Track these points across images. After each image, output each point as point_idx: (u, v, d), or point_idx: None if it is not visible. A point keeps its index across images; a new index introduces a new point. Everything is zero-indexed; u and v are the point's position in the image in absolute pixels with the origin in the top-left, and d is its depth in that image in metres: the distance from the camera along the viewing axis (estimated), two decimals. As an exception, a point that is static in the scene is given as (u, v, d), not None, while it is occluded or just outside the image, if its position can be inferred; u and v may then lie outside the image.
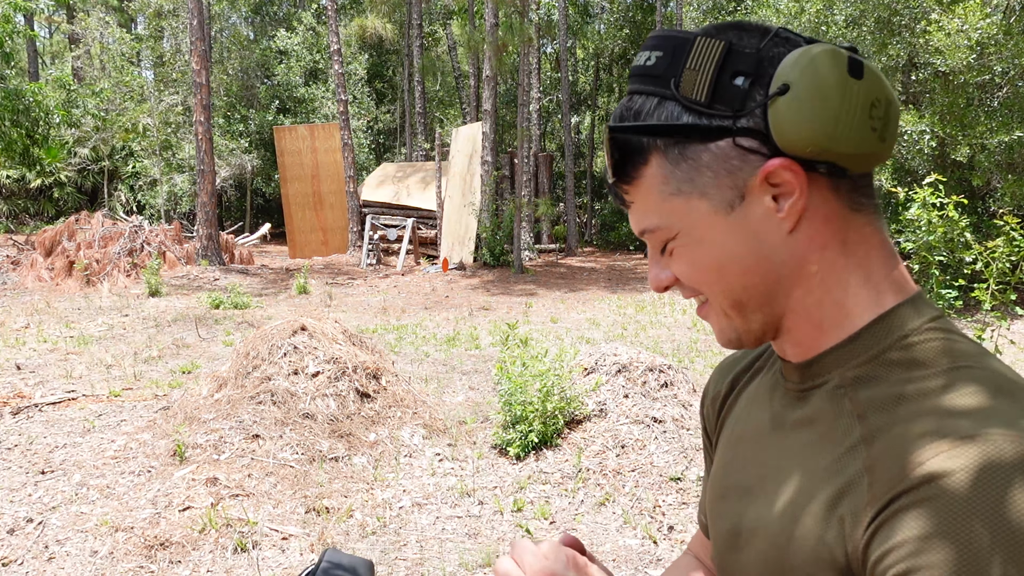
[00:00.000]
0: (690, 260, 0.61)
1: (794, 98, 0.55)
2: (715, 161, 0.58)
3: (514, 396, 4.08)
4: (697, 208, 0.59)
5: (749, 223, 0.59)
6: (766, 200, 0.58)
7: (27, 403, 4.99)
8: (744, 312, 0.62)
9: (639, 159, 0.60)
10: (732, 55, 0.57)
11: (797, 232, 0.59)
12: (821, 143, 0.55)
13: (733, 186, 0.58)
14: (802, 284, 0.60)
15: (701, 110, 0.57)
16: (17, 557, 3.03)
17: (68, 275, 11.15)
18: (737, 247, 0.59)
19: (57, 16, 27.09)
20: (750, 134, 0.57)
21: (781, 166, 0.57)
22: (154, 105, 19.60)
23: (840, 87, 0.55)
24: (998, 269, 3.30)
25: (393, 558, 3.06)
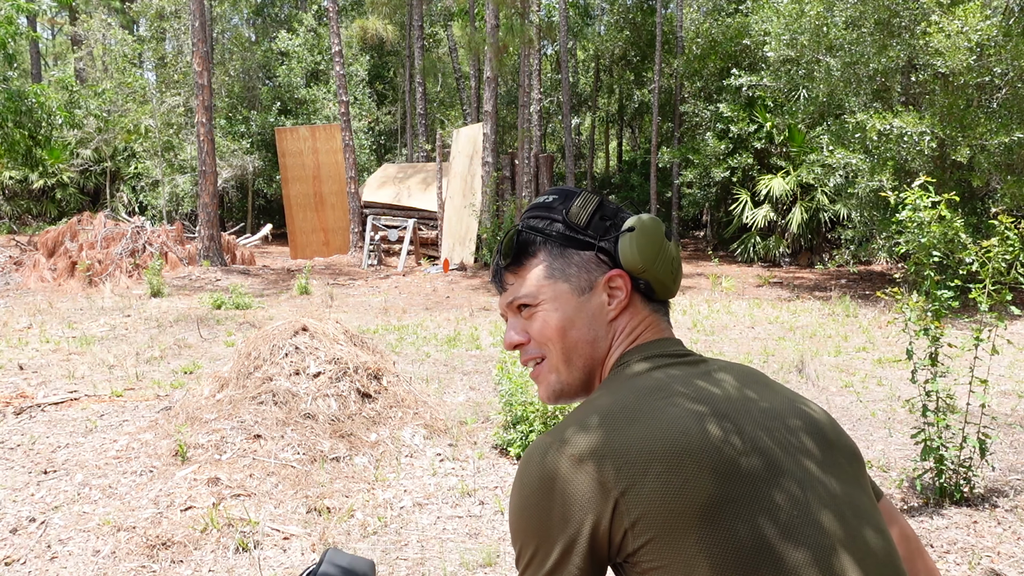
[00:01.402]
0: (545, 321, 0.89)
1: (636, 235, 0.88)
2: (582, 261, 0.89)
3: (515, 396, 4.09)
4: (561, 288, 0.89)
5: (590, 306, 0.89)
6: (603, 296, 0.89)
7: (30, 403, 5.02)
8: (571, 366, 0.89)
9: (532, 250, 0.90)
10: (602, 205, 0.92)
11: (616, 321, 0.89)
12: (644, 266, 0.87)
13: (588, 280, 0.89)
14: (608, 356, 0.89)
15: (579, 230, 0.89)
16: (20, 556, 3.05)
17: (70, 276, 11.18)
18: (578, 319, 0.88)
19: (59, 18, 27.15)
20: (604, 252, 0.89)
21: (619, 274, 0.89)
22: (156, 106, 19.63)
23: (660, 239, 0.89)
24: (994, 269, 3.31)
25: (394, 558, 3.08)
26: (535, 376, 0.92)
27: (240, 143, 20.55)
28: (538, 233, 0.90)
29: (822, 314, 9.25)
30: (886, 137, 9.74)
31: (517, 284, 0.90)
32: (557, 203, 0.91)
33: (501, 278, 0.93)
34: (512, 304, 0.91)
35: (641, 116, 23.84)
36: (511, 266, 0.91)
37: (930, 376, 3.45)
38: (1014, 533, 3.23)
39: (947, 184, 9.61)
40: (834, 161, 10.57)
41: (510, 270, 0.91)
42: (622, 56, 22.01)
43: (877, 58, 10.18)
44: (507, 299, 0.92)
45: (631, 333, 0.89)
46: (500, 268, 0.93)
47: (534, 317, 0.90)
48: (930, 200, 3.42)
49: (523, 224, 0.92)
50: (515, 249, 0.90)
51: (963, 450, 3.48)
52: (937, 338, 3.42)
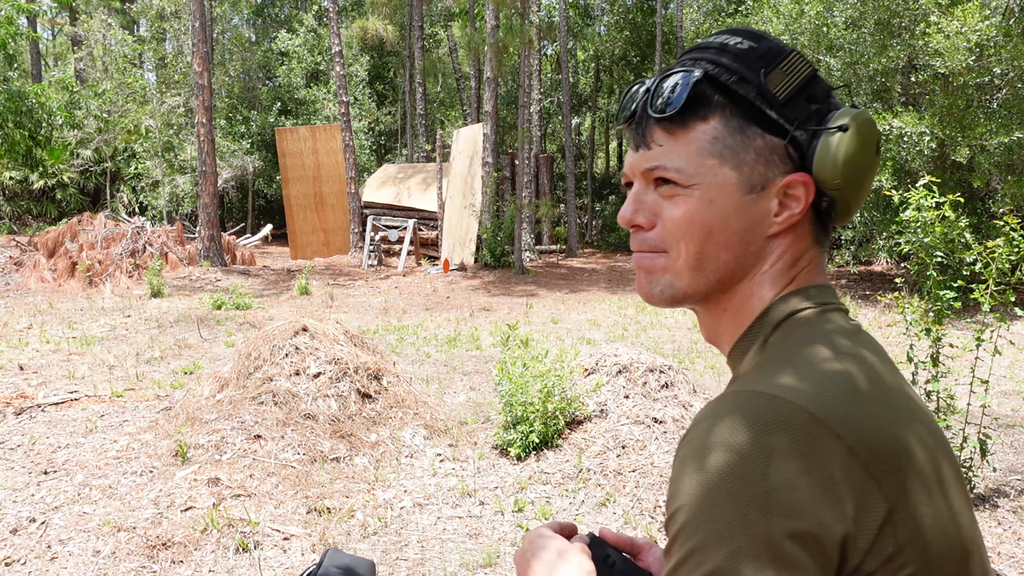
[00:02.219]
0: (689, 212, 0.66)
1: (847, 138, 0.64)
2: (763, 149, 0.65)
3: (515, 397, 4.09)
4: (727, 176, 0.65)
5: (752, 211, 0.66)
6: (773, 202, 0.66)
7: (30, 403, 5.01)
8: (699, 276, 0.68)
9: (702, 111, 0.65)
10: (815, 81, 0.67)
11: (776, 238, 0.67)
12: (843, 182, 0.65)
13: (763, 176, 0.66)
14: (751, 278, 0.68)
15: (776, 104, 0.65)
16: (20, 557, 3.05)
17: (71, 276, 11.17)
18: (733, 222, 0.66)
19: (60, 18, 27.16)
20: (795, 145, 0.66)
21: (804, 181, 0.66)
22: (156, 107, 19.64)
23: (872, 150, 0.67)
24: (997, 269, 3.31)
25: (394, 558, 3.08)
26: (645, 266, 0.70)
27: (240, 143, 20.55)
28: (723, 90, 0.65)
29: (822, 314, 9.23)
30: (886, 137, 9.73)
31: (668, 148, 0.66)
32: (754, 56, 0.65)
33: (646, 129, 0.67)
34: (649, 172, 0.67)
35: (641, 116, 23.76)
36: (669, 121, 0.66)
37: (931, 377, 3.45)
38: (1014, 534, 3.23)
39: (947, 184, 9.60)
40: (834, 161, 10.55)
41: (664, 126, 0.66)
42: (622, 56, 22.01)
43: (877, 58, 10.18)
44: (646, 163, 0.67)
45: (791, 265, 0.67)
46: (648, 115, 0.67)
47: (675, 201, 0.66)
48: (934, 200, 3.42)
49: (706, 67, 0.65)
50: (685, 98, 0.64)
51: (963, 451, 3.48)
52: (939, 339, 3.42)
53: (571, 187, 18.29)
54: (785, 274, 0.68)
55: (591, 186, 22.41)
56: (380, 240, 15.09)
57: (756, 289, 0.68)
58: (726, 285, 0.68)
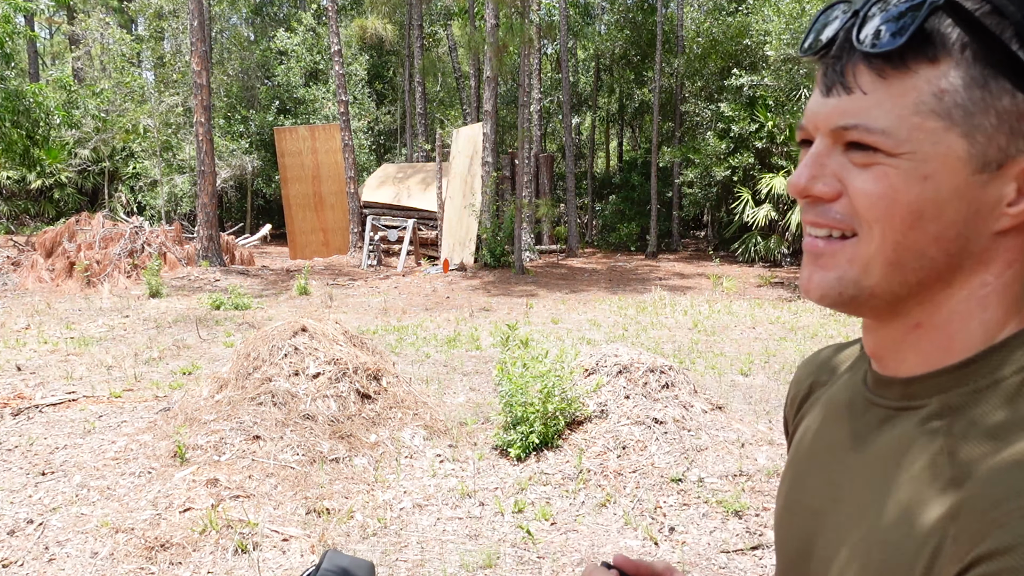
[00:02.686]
0: (893, 187, 0.49)
1: None
2: (1010, 112, 0.47)
3: (515, 397, 4.07)
4: (952, 145, 0.48)
5: (982, 195, 0.49)
6: (1010, 186, 0.49)
7: (27, 404, 4.99)
8: (895, 274, 0.51)
9: (932, 51, 0.47)
10: None
11: (1006, 237, 0.50)
12: None
13: (1002, 149, 0.48)
14: (968, 288, 0.52)
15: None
16: (17, 558, 3.03)
17: (68, 276, 11.15)
18: (951, 208, 0.49)
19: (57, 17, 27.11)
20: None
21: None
22: (154, 106, 19.61)
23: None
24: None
25: (394, 559, 3.06)
26: (822, 250, 0.53)
27: (239, 143, 20.53)
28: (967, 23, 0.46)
29: (824, 314, 9.23)
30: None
31: (875, 98, 0.49)
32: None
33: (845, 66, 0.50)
34: (843, 131, 0.50)
35: (641, 116, 23.83)
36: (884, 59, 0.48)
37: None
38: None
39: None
40: (834, 161, 10.56)
41: (875, 65, 0.48)
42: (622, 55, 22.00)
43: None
44: (840, 117, 0.50)
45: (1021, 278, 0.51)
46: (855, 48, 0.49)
47: (873, 171, 0.49)
48: None
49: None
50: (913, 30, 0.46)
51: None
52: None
53: (571, 187, 18.28)
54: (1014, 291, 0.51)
55: (591, 186, 22.41)
56: (379, 240, 15.07)
57: (975, 307, 0.52)
58: (927, 292, 0.52)
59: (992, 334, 0.52)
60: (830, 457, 0.61)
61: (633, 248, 19.09)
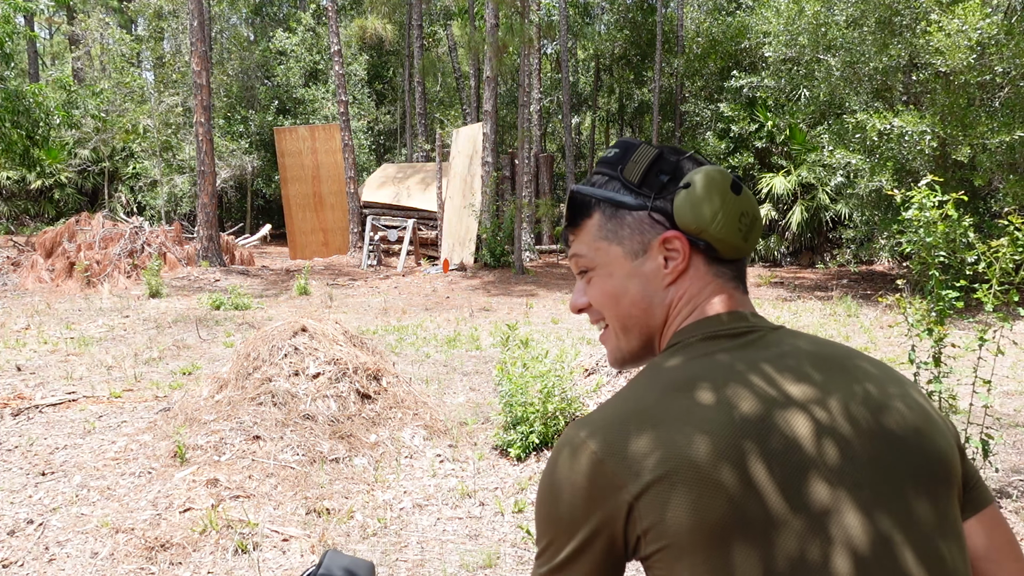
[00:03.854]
0: (600, 287, 0.85)
1: (692, 192, 0.80)
2: (634, 223, 0.83)
3: (515, 397, 4.07)
4: (614, 252, 0.84)
5: (644, 271, 0.83)
6: (659, 259, 0.82)
7: (27, 404, 4.99)
8: (628, 334, 0.85)
9: (587, 212, 0.86)
10: (660, 159, 0.83)
11: (672, 286, 0.82)
12: (702, 226, 0.79)
13: (641, 243, 0.83)
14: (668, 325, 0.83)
15: (633, 189, 0.83)
16: (17, 559, 3.03)
17: (68, 276, 11.14)
18: (632, 286, 0.83)
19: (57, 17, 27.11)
20: (660, 212, 0.82)
21: (675, 235, 0.81)
22: (154, 106, 19.61)
23: (722, 194, 0.80)
24: (1001, 269, 3.29)
25: (394, 559, 3.06)
26: (601, 339, 0.90)
27: (239, 143, 20.52)
28: (594, 196, 0.85)
29: (823, 314, 9.23)
30: (886, 137, 9.72)
31: (577, 241, 0.87)
32: (616, 158, 0.85)
33: (566, 236, 0.90)
34: (573, 259, 0.89)
35: (641, 116, 23.82)
36: (569, 226, 0.88)
37: (933, 377, 3.43)
38: (1017, 534, 3.21)
39: (949, 184, 9.59)
40: (834, 161, 10.56)
41: (569, 229, 0.89)
42: (622, 55, 22.00)
43: (878, 57, 10.16)
44: (570, 253, 0.89)
45: (690, 301, 0.82)
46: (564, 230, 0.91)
47: (592, 282, 0.86)
48: (936, 199, 3.40)
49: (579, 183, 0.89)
50: (571, 210, 0.87)
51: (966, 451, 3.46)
52: (941, 339, 3.40)
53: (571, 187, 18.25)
54: (685, 312, 0.82)
55: (590, 186, 22.37)
56: (379, 240, 15.06)
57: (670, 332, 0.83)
58: (653, 338, 0.85)
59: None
60: None
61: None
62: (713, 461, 0.66)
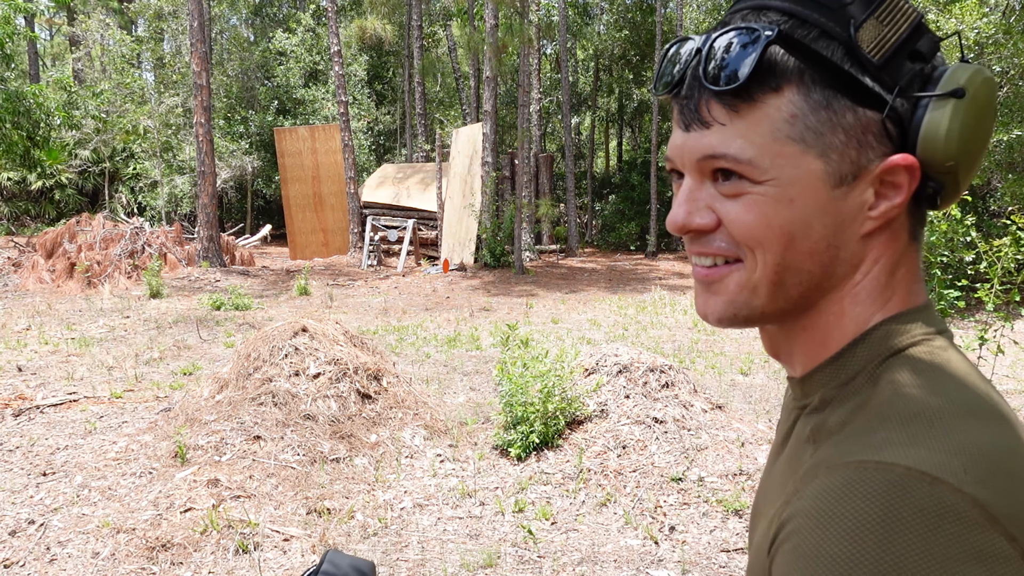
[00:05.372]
0: (764, 214, 0.52)
1: (963, 106, 0.50)
2: (856, 128, 0.51)
3: (515, 397, 4.08)
4: (809, 166, 0.51)
5: (843, 207, 0.52)
6: (868, 192, 0.52)
7: (28, 405, 5.00)
8: (779, 292, 0.54)
9: (774, 81, 0.50)
10: (921, 32, 0.52)
11: (871, 238, 0.54)
12: (958, 159, 0.51)
13: (855, 161, 0.51)
14: (842, 290, 0.55)
15: (871, 67, 0.50)
16: (19, 559, 3.03)
17: (69, 277, 11.15)
18: (820, 226, 0.52)
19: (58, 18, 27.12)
20: (897, 119, 0.51)
21: (907, 165, 0.51)
22: (154, 107, 19.62)
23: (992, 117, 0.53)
24: (1003, 268, 3.30)
25: (394, 559, 3.07)
26: (711, 278, 0.56)
27: (239, 143, 20.53)
28: (801, 52, 0.50)
29: (822, 313, 9.23)
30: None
31: (732, 129, 0.52)
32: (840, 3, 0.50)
33: (698, 103, 0.53)
34: (707, 161, 0.53)
35: (641, 115, 23.83)
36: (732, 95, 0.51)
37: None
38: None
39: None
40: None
41: (725, 100, 0.51)
42: (622, 55, 22.01)
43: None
44: (702, 149, 0.53)
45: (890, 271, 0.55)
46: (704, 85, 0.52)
47: (744, 201, 0.52)
48: None
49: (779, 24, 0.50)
50: (753, 64, 0.49)
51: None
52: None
53: (571, 186, 18.28)
54: (885, 285, 0.55)
55: (591, 185, 22.41)
56: (379, 240, 15.07)
57: (848, 305, 0.55)
58: (811, 301, 0.55)
59: (860, 327, 0.55)
60: (771, 461, 0.65)
61: (633, 248, 19.09)
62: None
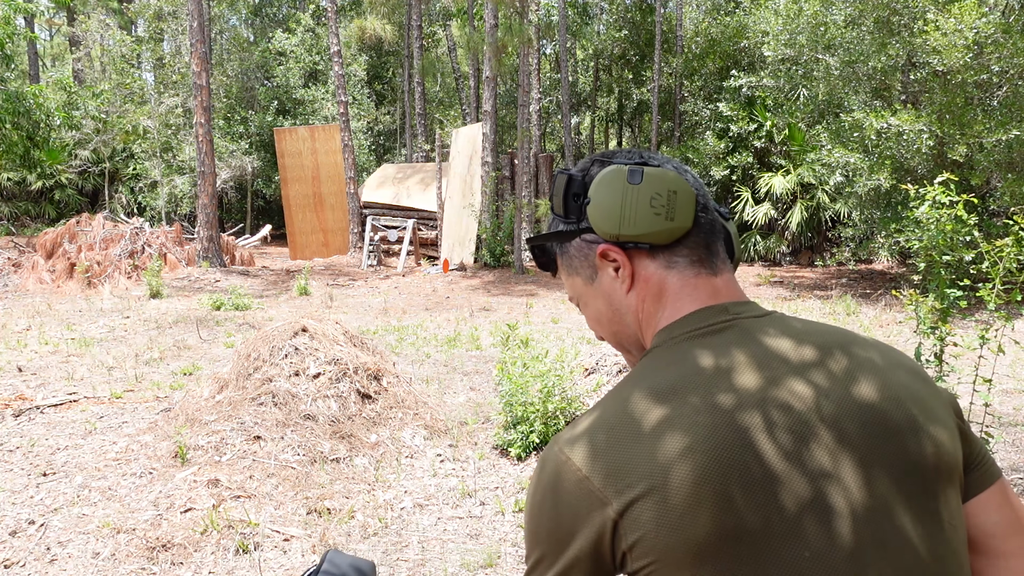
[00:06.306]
0: (588, 316, 0.89)
1: (593, 206, 0.80)
2: (577, 251, 0.86)
3: (515, 397, 4.08)
4: (578, 282, 0.87)
5: (603, 288, 0.84)
6: (609, 271, 0.83)
7: (29, 405, 5.00)
8: (623, 348, 0.87)
9: (551, 256, 0.91)
10: (571, 182, 0.84)
11: (632, 291, 0.82)
12: (615, 231, 0.79)
13: (589, 266, 0.85)
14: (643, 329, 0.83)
15: (563, 220, 0.86)
16: (19, 559, 3.03)
17: (69, 277, 11.15)
18: (601, 306, 0.85)
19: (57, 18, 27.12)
20: (589, 231, 0.83)
21: (605, 248, 0.82)
22: (154, 107, 19.62)
23: (620, 191, 0.79)
24: (1005, 268, 3.30)
25: (395, 559, 3.07)
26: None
27: (239, 144, 20.52)
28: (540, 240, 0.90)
29: (823, 313, 9.24)
30: (884, 136, 9.73)
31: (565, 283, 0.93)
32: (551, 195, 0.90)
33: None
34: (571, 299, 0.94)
35: (641, 115, 23.83)
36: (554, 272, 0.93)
37: (935, 375, 3.44)
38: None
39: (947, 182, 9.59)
40: (833, 160, 10.57)
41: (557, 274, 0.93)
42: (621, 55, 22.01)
43: (876, 56, 10.17)
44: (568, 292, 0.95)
45: (657, 301, 0.80)
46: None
47: (583, 312, 0.91)
48: (948, 199, 3.41)
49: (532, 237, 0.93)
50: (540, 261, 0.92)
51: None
52: (943, 338, 3.41)
53: (570, 186, 18.24)
54: (656, 311, 0.81)
55: (590, 185, 22.38)
56: (379, 240, 15.07)
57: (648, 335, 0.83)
58: (642, 344, 0.84)
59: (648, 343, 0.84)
60: None
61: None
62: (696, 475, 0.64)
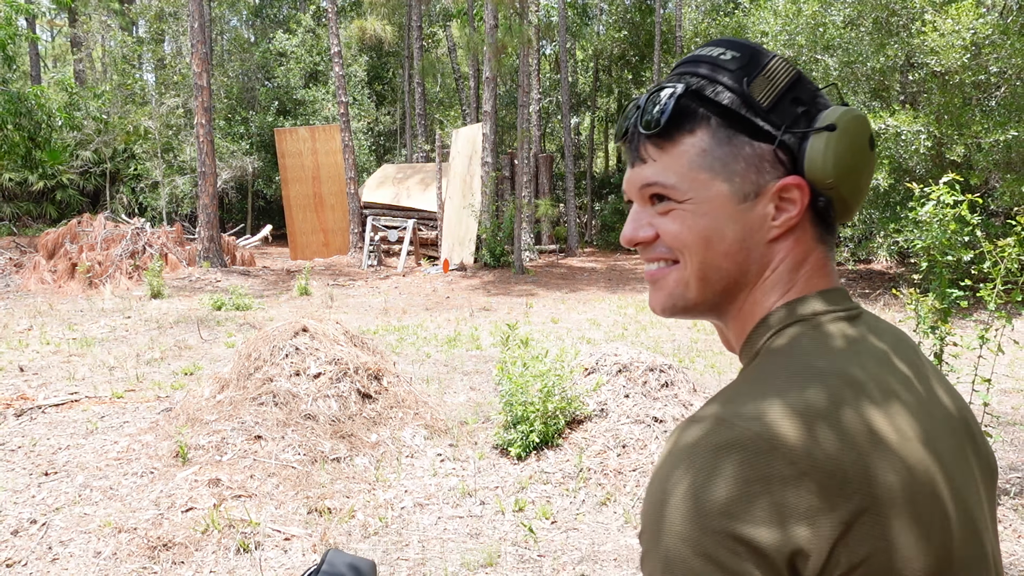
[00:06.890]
0: (686, 224, 0.68)
1: (835, 137, 0.66)
2: (752, 157, 0.66)
3: (515, 396, 4.09)
4: (718, 188, 0.67)
5: (749, 219, 0.67)
6: (769, 207, 0.67)
7: (30, 405, 5.01)
8: (705, 286, 0.69)
9: (688, 125, 0.67)
10: (799, 83, 0.68)
11: (777, 243, 0.68)
12: (836, 181, 0.66)
13: (754, 183, 0.67)
14: (757, 285, 0.69)
15: (761, 112, 0.66)
16: (21, 558, 3.05)
17: (70, 277, 11.17)
18: (731, 233, 0.67)
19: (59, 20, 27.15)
20: (785, 149, 0.67)
21: (798, 184, 0.66)
22: (155, 108, 19.64)
23: (863, 148, 0.68)
24: (1006, 268, 3.31)
25: (395, 558, 3.08)
26: (655, 277, 0.72)
27: (239, 144, 20.55)
28: (707, 103, 0.66)
29: (822, 313, 9.24)
30: (883, 136, 9.74)
31: (659, 163, 0.68)
32: (737, 65, 0.67)
33: (638, 146, 0.70)
34: (645, 189, 0.69)
35: (640, 116, 23.77)
36: (657, 136, 0.68)
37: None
38: (1015, 531, 3.23)
39: (947, 183, 9.61)
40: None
41: (654, 141, 0.68)
42: (621, 56, 22.02)
43: (875, 57, 10.18)
44: (640, 180, 0.69)
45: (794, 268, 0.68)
46: (639, 132, 0.69)
47: (672, 215, 0.68)
48: (953, 199, 3.42)
49: (687, 83, 0.67)
50: (669, 114, 0.67)
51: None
52: (943, 337, 3.42)
53: (570, 187, 18.29)
54: (788, 279, 0.68)
55: (590, 185, 22.42)
56: (380, 240, 15.09)
57: (759, 296, 0.69)
58: (733, 294, 0.70)
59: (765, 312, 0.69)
60: None
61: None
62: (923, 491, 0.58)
